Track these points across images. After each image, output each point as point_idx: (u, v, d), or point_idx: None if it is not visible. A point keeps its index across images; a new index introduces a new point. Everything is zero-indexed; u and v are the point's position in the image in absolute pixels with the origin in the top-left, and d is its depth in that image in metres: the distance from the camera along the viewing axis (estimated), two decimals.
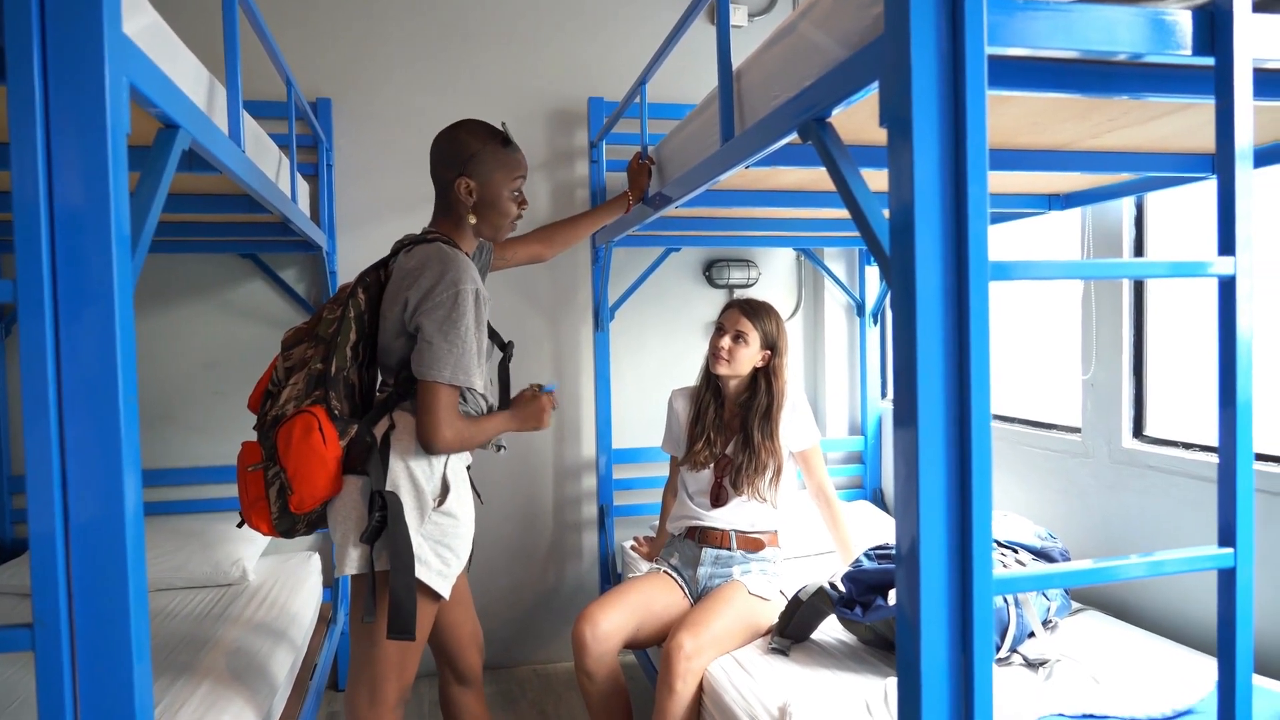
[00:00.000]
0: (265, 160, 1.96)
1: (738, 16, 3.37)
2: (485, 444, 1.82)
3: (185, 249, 2.90)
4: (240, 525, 1.79)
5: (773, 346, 2.40)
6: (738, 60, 1.63)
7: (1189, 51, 1.03)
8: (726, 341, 2.37)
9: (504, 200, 1.84)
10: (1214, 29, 1.03)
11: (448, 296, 1.66)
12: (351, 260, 3.13)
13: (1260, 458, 1.92)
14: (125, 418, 0.86)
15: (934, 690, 0.92)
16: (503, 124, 1.88)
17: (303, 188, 2.66)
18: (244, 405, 1.86)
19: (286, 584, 2.72)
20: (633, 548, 2.90)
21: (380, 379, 1.85)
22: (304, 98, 2.58)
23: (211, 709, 1.77)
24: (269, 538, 2.87)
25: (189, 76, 1.33)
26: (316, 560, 3.03)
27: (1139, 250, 2.32)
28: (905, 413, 0.94)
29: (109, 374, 0.86)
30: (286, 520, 1.71)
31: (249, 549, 2.77)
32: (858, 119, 1.36)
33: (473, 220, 1.84)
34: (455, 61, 3.23)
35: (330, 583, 3.08)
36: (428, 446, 1.69)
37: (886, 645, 2.05)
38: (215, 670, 1.97)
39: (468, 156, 1.80)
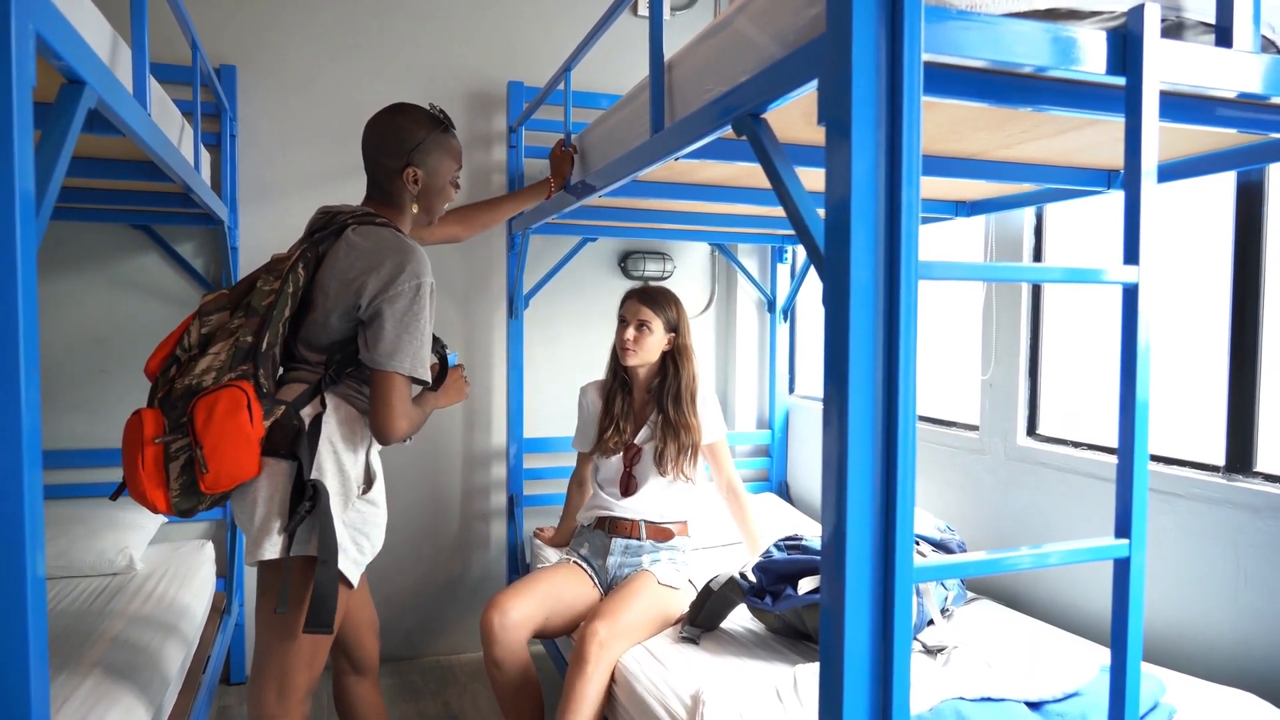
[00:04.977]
0: (169, 126, 1.86)
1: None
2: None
3: (72, 216, 2.70)
4: (114, 498, 1.68)
5: (676, 329, 2.44)
6: (667, 53, 1.63)
7: (1103, 70, 1.09)
8: (631, 333, 2.40)
9: (446, 188, 1.85)
10: (1126, 51, 1.09)
11: (410, 288, 1.63)
12: (254, 235, 3.00)
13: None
14: (27, 395, 0.80)
15: (855, 676, 0.95)
16: (434, 107, 1.84)
17: (205, 158, 2.53)
18: (131, 384, 1.75)
19: (178, 573, 2.59)
20: (535, 533, 2.87)
21: (298, 356, 1.75)
22: (209, 63, 2.46)
23: (99, 704, 1.66)
24: (157, 525, 2.77)
25: (92, 31, 1.24)
26: (209, 549, 2.89)
27: (1038, 257, 2.45)
28: (835, 406, 0.96)
29: (9, 346, 0.79)
30: (190, 499, 1.60)
31: (136, 536, 2.62)
32: (787, 118, 1.39)
33: (415, 209, 1.82)
34: (370, 35, 3.13)
35: (224, 572, 2.95)
36: (384, 437, 1.67)
37: (795, 634, 2.10)
38: (102, 663, 1.85)
39: (413, 146, 1.76)
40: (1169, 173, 1.80)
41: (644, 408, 2.47)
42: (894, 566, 0.95)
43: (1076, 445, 2.28)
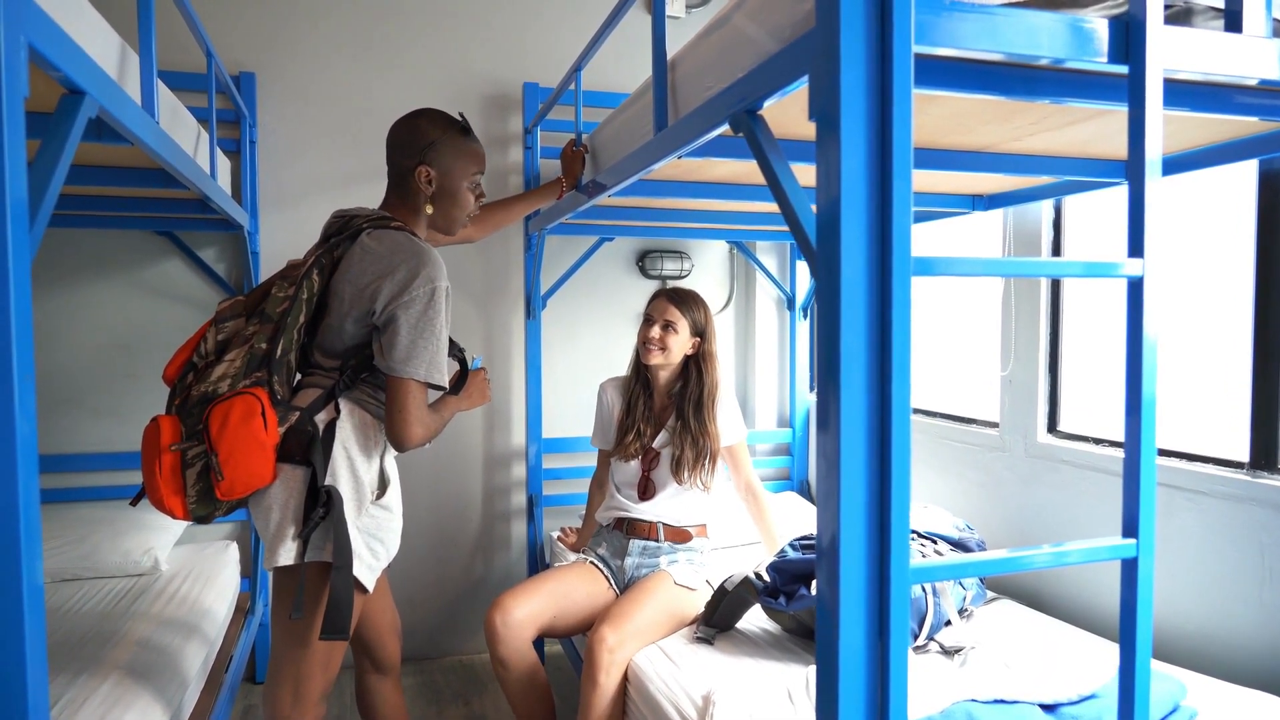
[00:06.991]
0: (182, 133, 1.88)
1: (674, 7, 3.37)
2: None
3: (95, 224, 2.76)
4: (134, 504, 1.70)
5: (701, 333, 2.41)
6: (672, 50, 1.62)
7: (1105, 59, 1.06)
8: (656, 331, 2.38)
9: (463, 192, 1.82)
10: (1129, 38, 1.06)
11: (424, 293, 1.63)
12: (275, 241, 3.04)
13: (1161, 453, 2.01)
14: (21, 404, 0.81)
15: (851, 677, 0.94)
16: (460, 114, 1.84)
17: (223, 164, 2.56)
18: (156, 388, 1.77)
19: (202, 574, 2.63)
20: (558, 538, 2.89)
21: (314, 362, 1.76)
22: (225, 71, 2.49)
23: (116, 705, 1.69)
24: (183, 526, 2.81)
25: (96, 40, 1.26)
26: (234, 549, 2.94)
27: (1056, 251, 2.40)
28: (828, 404, 0.95)
29: (3, 354, 0.80)
30: (207, 505, 1.61)
31: (162, 537, 2.67)
32: (789, 113, 1.38)
33: (429, 210, 1.81)
34: (387, 40, 3.16)
35: (248, 572, 2.99)
36: (400, 444, 1.67)
37: (809, 634, 2.08)
38: (122, 664, 1.88)
39: (427, 144, 1.76)
40: (1189, 162, 1.76)
41: (663, 411, 2.45)
42: (889, 566, 0.93)
43: (1098, 442, 2.24)
